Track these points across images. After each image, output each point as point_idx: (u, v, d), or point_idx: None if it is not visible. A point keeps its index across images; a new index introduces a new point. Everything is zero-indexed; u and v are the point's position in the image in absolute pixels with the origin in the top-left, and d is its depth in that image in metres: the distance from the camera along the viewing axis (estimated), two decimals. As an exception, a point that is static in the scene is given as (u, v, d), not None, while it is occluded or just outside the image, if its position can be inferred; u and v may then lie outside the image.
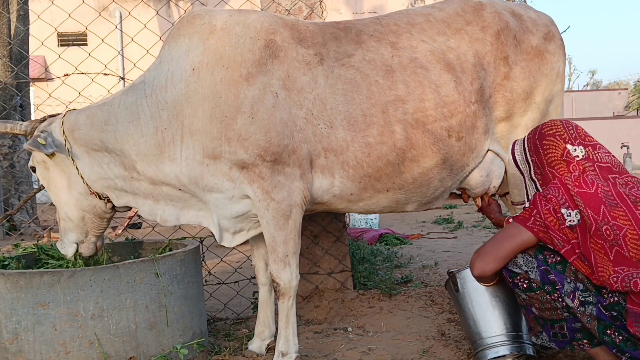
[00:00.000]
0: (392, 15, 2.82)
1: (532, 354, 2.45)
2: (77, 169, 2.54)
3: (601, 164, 2.19)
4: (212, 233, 2.66)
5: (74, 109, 2.64)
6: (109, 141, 2.51)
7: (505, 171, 2.83)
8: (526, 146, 2.37)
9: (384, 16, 2.81)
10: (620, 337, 2.08)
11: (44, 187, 2.73)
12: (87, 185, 2.56)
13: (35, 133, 2.54)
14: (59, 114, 2.65)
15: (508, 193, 2.91)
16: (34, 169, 2.65)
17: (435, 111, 2.60)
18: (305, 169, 2.52)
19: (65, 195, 2.59)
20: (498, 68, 2.70)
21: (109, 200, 2.62)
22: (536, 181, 2.32)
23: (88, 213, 2.62)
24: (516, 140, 2.46)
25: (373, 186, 2.62)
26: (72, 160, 2.54)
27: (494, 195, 2.97)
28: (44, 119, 2.63)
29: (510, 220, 2.28)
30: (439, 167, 2.65)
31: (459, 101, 2.62)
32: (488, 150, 2.78)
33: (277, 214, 2.49)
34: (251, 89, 2.44)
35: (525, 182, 2.41)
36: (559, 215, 2.10)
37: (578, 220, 2.08)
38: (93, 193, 2.58)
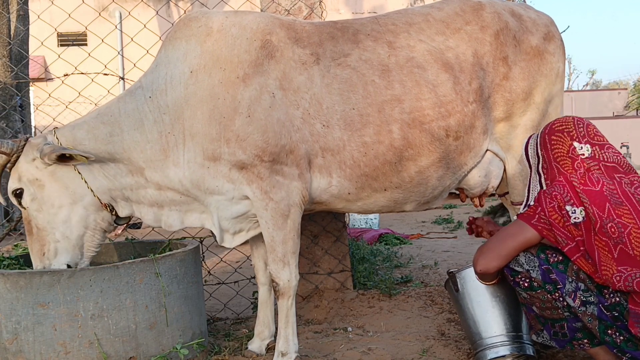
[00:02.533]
0: (391, 15, 2.82)
1: (532, 354, 2.45)
2: (86, 182, 2.46)
3: (607, 164, 2.19)
4: (211, 234, 2.66)
5: (56, 128, 2.53)
6: (117, 152, 2.48)
7: (505, 171, 2.83)
8: (539, 140, 2.38)
9: (382, 16, 2.82)
10: (622, 338, 2.08)
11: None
12: (98, 198, 2.48)
13: (40, 147, 2.39)
14: (33, 137, 2.50)
15: (507, 193, 2.91)
16: (18, 193, 2.44)
17: (432, 110, 2.60)
18: (304, 168, 2.53)
19: (65, 213, 2.44)
20: (497, 68, 2.70)
21: (114, 212, 2.57)
22: (541, 174, 2.32)
23: (90, 230, 2.51)
24: (532, 135, 2.46)
25: (370, 185, 2.63)
26: (80, 173, 2.45)
27: (493, 195, 2.97)
28: (26, 139, 2.46)
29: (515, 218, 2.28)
30: (436, 166, 2.66)
31: (457, 101, 2.62)
32: (487, 150, 2.78)
33: (276, 213, 2.50)
34: (248, 89, 2.45)
35: (530, 175, 2.41)
36: (563, 212, 2.10)
37: (583, 218, 2.08)
38: (104, 205, 2.51)
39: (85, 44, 12.83)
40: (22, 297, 2.30)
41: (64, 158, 2.37)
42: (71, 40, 12.21)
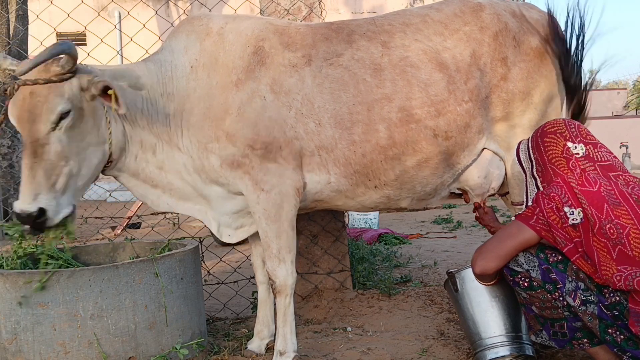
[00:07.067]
0: (388, 16, 2.84)
1: (531, 354, 2.45)
2: (111, 132, 2.43)
3: (602, 163, 2.20)
4: (211, 233, 2.67)
5: (101, 68, 2.46)
6: (139, 124, 2.53)
7: (506, 172, 2.83)
8: (530, 144, 2.38)
9: (380, 16, 2.85)
10: (622, 337, 2.08)
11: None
12: (111, 152, 2.45)
13: (92, 79, 2.31)
14: (85, 66, 2.41)
15: (508, 192, 2.90)
16: (64, 114, 2.23)
17: (421, 110, 2.61)
18: (297, 163, 2.58)
19: (90, 151, 2.35)
20: (495, 69, 2.69)
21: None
22: (537, 178, 2.33)
23: (94, 175, 2.43)
24: (522, 140, 2.48)
25: (364, 183, 2.67)
26: (108, 121, 2.42)
27: (493, 195, 2.97)
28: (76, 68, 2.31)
29: (513, 218, 2.28)
30: (423, 165, 2.67)
31: (449, 100, 2.63)
32: (484, 149, 2.77)
33: (268, 204, 2.54)
34: (239, 94, 2.53)
35: (526, 180, 2.41)
36: (561, 213, 2.10)
37: (581, 219, 2.08)
38: (110, 161, 2.48)
39: (85, 44, 12.82)
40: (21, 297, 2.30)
41: (104, 95, 2.27)
42: (70, 40, 12.20)
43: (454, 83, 2.64)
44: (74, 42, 2.46)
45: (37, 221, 2.18)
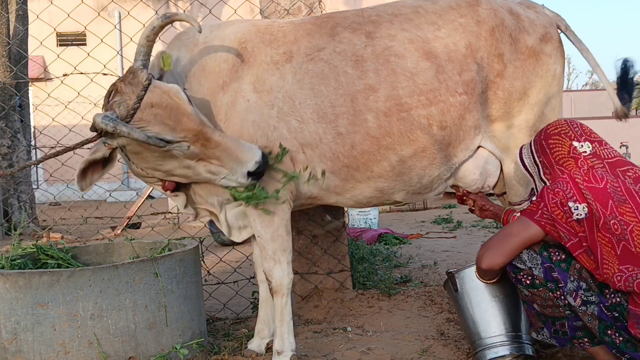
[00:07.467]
0: (378, 7, 2.82)
1: (531, 353, 2.46)
2: None
3: (609, 160, 2.20)
4: (210, 234, 2.68)
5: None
6: None
7: (503, 172, 2.83)
8: (533, 148, 2.37)
9: (369, 8, 2.83)
10: (621, 338, 2.08)
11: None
12: None
13: None
14: None
15: (506, 193, 2.90)
16: None
17: (410, 99, 2.60)
18: (287, 165, 2.56)
19: None
20: (492, 64, 2.68)
21: None
22: (546, 181, 2.32)
23: None
24: (523, 145, 2.47)
25: (353, 176, 2.65)
26: None
27: (491, 194, 2.97)
28: None
29: (517, 214, 2.28)
30: (420, 155, 2.66)
31: (440, 89, 2.62)
32: (480, 146, 2.77)
33: (262, 212, 2.54)
34: (226, 96, 2.55)
35: (535, 184, 2.41)
36: (565, 208, 2.10)
37: (586, 214, 2.08)
38: None
39: (85, 44, 12.81)
40: (21, 297, 2.30)
41: None
42: (70, 40, 12.19)
43: (444, 72, 2.62)
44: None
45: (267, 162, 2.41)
